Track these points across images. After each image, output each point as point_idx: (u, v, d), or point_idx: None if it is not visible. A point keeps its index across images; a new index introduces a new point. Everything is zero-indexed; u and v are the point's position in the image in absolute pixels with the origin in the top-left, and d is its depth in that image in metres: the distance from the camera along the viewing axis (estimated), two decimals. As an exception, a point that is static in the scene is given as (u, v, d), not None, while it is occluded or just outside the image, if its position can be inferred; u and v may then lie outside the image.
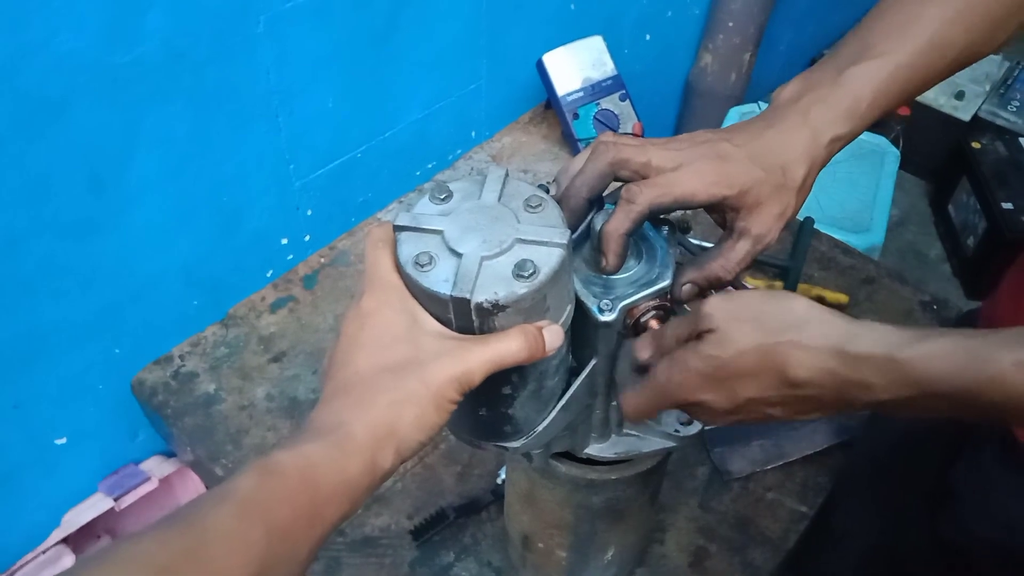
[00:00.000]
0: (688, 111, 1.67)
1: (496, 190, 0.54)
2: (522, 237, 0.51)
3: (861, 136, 1.18)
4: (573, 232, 0.56)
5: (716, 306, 0.51)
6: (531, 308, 0.50)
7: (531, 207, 0.53)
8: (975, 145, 2.16)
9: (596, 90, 1.26)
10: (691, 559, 0.85)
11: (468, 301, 0.48)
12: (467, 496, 0.88)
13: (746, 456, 0.93)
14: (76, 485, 1.02)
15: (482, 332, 0.50)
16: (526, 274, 0.49)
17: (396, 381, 0.46)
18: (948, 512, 0.78)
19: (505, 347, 0.48)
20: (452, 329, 0.50)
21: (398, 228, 0.52)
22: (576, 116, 1.25)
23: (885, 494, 0.94)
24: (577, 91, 1.25)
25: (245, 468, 0.42)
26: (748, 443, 0.93)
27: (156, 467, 1.07)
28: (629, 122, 1.28)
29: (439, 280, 0.49)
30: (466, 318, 0.49)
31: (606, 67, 1.27)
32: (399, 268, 0.51)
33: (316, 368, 0.99)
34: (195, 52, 0.85)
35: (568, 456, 0.67)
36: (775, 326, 0.50)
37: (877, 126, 1.38)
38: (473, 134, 1.29)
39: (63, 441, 0.97)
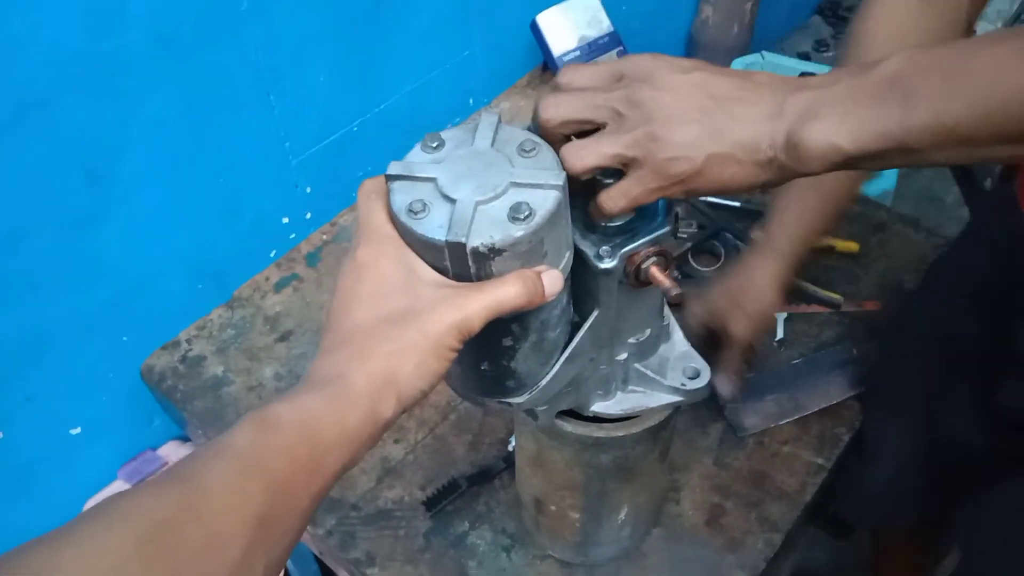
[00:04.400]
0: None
1: (489, 136, 0.53)
2: (517, 180, 0.50)
3: None
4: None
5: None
6: (528, 252, 0.49)
7: (525, 151, 0.52)
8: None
9: (593, 48, 1.24)
10: (707, 517, 0.84)
11: (464, 246, 0.47)
12: (479, 465, 0.87)
13: (760, 411, 0.91)
14: (95, 474, 1.03)
15: (479, 279, 0.49)
16: (522, 216, 0.48)
17: (395, 331, 0.46)
18: (1013, 381, 0.79)
19: (503, 292, 0.48)
20: (449, 277, 0.50)
21: (390, 177, 0.51)
22: (574, 77, 1.22)
23: (918, 390, 0.92)
24: (573, 50, 1.23)
25: (242, 420, 0.41)
26: (762, 398, 0.92)
27: (173, 452, 1.08)
28: (628, 80, 1.25)
29: (434, 226, 0.48)
30: (462, 264, 0.49)
31: (602, 24, 1.25)
32: (393, 218, 0.50)
33: (323, 345, 0.99)
34: (181, 36, 0.84)
35: (574, 415, 0.66)
36: None
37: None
38: (471, 101, 1.27)
39: (78, 431, 0.97)
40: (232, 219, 1.01)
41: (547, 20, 1.21)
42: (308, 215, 1.11)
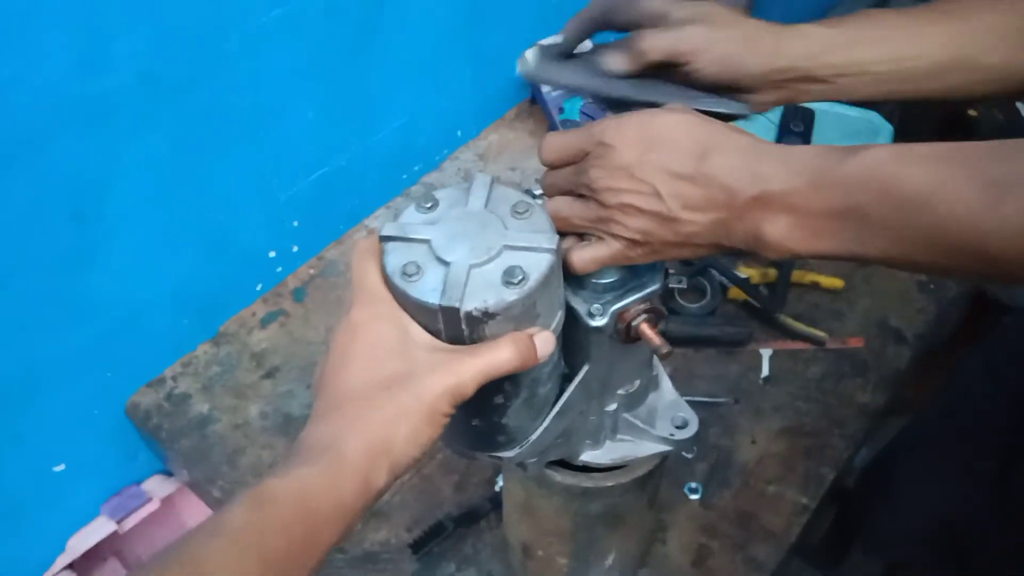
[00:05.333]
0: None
1: (483, 196, 0.53)
2: (510, 243, 0.50)
3: (852, 112, 1.17)
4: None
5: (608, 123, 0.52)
6: (521, 315, 0.49)
7: (518, 213, 0.52)
8: (971, 114, 2.13)
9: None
10: (693, 558, 0.84)
11: (457, 310, 0.48)
12: (466, 506, 0.87)
13: None
14: (78, 510, 1.02)
15: (472, 341, 0.49)
16: (515, 281, 0.48)
17: (388, 396, 0.46)
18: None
19: (496, 356, 0.48)
20: (442, 339, 0.50)
21: (384, 238, 0.51)
22: (561, 111, 1.23)
23: (952, 457, 0.94)
24: (561, 85, 1.24)
25: (238, 498, 0.42)
26: None
27: (157, 487, 1.07)
28: (615, 114, 1.26)
29: (427, 289, 0.48)
30: (456, 327, 0.49)
31: (590, 59, 1.26)
32: (387, 279, 0.50)
33: (309, 383, 0.99)
34: (169, 76, 0.84)
35: (564, 464, 0.66)
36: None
37: (869, 103, 1.37)
38: (459, 133, 1.28)
39: (62, 468, 0.96)
40: (219, 254, 1.01)
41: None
42: (295, 248, 1.11)
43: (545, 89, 1.23)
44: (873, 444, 1.12)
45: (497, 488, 0.89)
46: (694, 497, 0.88)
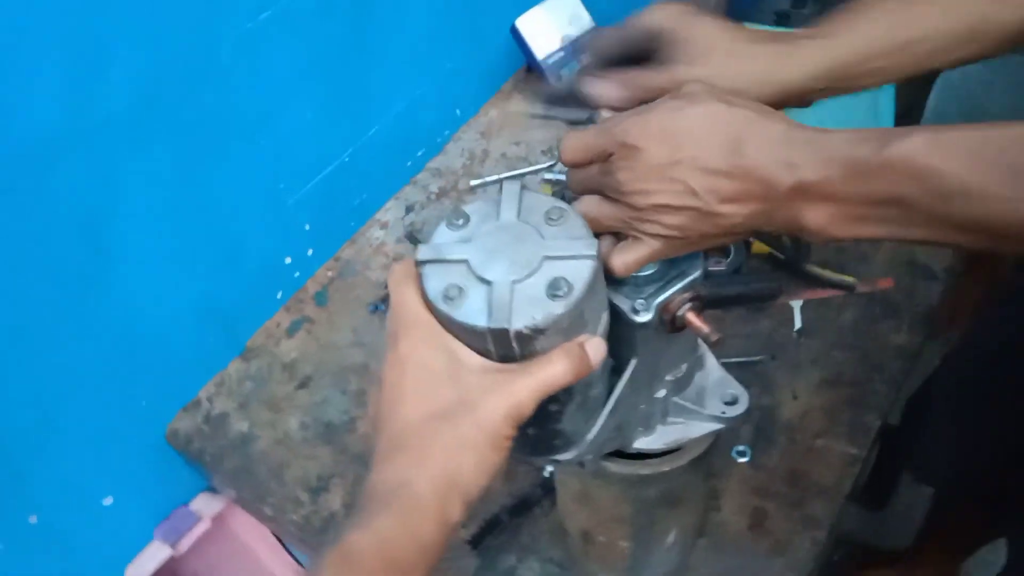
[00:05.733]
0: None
1: (514, 207, 0.52)
2: (549, 254, 0.49)
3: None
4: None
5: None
6: (570, 326, 0.49)
7: (552, 220, 0.51)
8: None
9: (577, 47, 1.22)
10: (750, 521, 0.84)
11: (507, 331, 0.47)
12: (517, 495, 0.87)
13: None
14: (132, 538, 1.02)
15: (523, 357, 0.49)
16: (561, 293, 0.47)
17: (449, 428, 0.45)
18: None
19: (551, 372, 0.47)
20: (492, 359, 0.49)
21: (420, 263, 0.50)
22: (560, 78, 1.21)
23: (994, 384, 0.95)
24: (557, 51, 1.21)
25: (323, 558, 0.41)
26: None
27: (206, 505, 1.07)
28: (615, 74, 1.23)
29: (473, 312, 0.47)
30: (506, 347, 0.48)
31: (583, 21, 1.23)
32: (429, 304, 0.49)
33: (344, 388, 0.98)
34: (165, 92, 0.82)
35: (618, 454, 0.66)
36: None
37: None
38: (458, 112, 1.25)
39: (110, 501, 0.97)
40: (235, 266, 1.00)
41: (527, 24, 1.19)
42: (310, 251, 1.09)
43: (541, 55, 1.21)
44: (912, 375, 1.12)
45: (546, 474, 0.89)
46: (743, 460, 0.88)
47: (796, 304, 1.00)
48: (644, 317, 0.55)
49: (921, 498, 1.28)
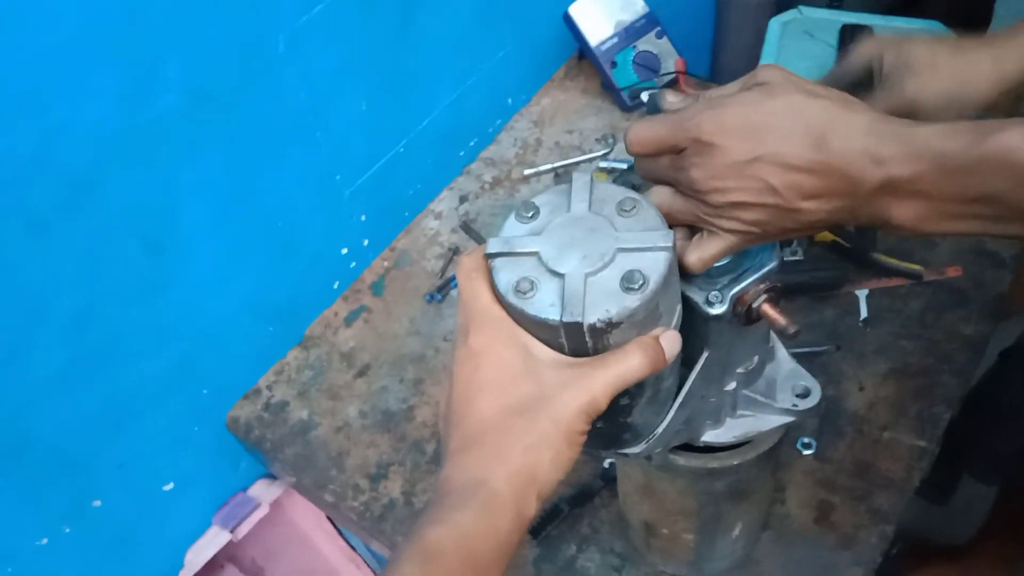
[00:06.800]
0: (724, 28, 1.59)
1: (585, 198, 0.51)
2: (623, 246, 0.48)
3: (911, 26, 1.15)
4: None
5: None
6: (645, 319, 0.48)
7: (625, 211, 0.50)
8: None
9: (630, 33, 1.20)
10: (815, 514, 0.83)
11: (580, 324, 0.46)
12: (576, 485, 0.87)
13: None
14: (191, 523, 1.04)
15: (596, 351, 0.48)
16: (636, 286, 0.46)
17: (526, 423, 0.45)
18: None
19: (626, 366, 0.47)
20: (565, 352, 0.48)
21: (490, 255, 0.49)
22: (614, 64, 1.19)
23: None
24: (611, 38, 1.19)
25: (404, 554, 0.41)
26: None
27: (264, 491, 1.09)
28: (670, 59, 1.21)
29: (545, 305, 0.47)
30: (579, 341, 0.47)
31: (636, 6, 1.21)
32: (499, 297, 0.48)
33: (402, 377, 0.99)
34: (219, 92, 0.83)
35: (686, 447, 0.65)
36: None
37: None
38: (510, 101, 1.25)
39: (170, 487, 0.98)
40: (293, 258, 1.00)
41: (580, 10, 1.18)
42: (366, 242, 1.10)
43: (594, 42, 1.19)
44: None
45: (606, 464, 0.88)
46: (808, 452, 0.86)
47: (861, 293, 0.98)
48: (718, 309, 0.54)
49: (984, 494, 1.25)
